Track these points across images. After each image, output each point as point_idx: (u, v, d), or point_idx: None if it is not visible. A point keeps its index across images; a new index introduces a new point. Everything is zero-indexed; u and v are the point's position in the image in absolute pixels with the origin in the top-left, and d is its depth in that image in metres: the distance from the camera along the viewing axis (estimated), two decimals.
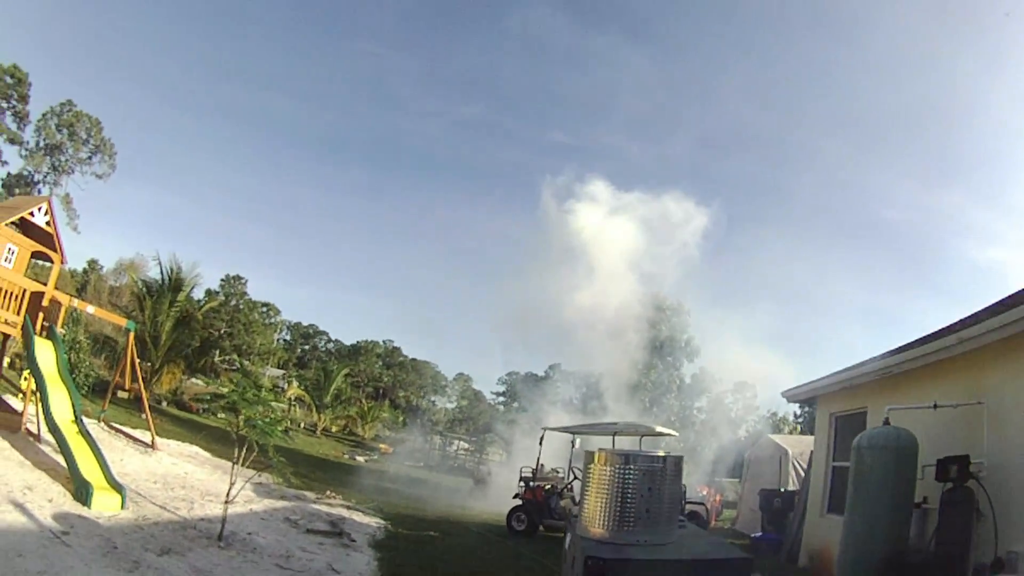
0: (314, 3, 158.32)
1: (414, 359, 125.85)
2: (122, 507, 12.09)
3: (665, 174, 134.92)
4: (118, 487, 12.56)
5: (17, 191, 64.62)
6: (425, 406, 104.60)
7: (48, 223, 18.09)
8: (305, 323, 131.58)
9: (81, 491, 11.91)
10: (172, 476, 17.33)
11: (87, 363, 33.17)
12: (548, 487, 20.61)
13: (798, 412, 56.43)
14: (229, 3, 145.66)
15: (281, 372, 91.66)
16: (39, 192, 66.99)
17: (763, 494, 20.59)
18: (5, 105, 64.13)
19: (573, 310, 42.23)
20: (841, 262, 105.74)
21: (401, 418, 77.86)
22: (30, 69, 64.40)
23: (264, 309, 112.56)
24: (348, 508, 19.20)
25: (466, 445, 63.46)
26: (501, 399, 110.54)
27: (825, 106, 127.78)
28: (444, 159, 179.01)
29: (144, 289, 40.17)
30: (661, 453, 7.27)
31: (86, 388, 30.29)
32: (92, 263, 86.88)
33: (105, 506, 11.80)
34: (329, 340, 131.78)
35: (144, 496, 13.66)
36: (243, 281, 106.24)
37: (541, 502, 20.06)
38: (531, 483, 20.82)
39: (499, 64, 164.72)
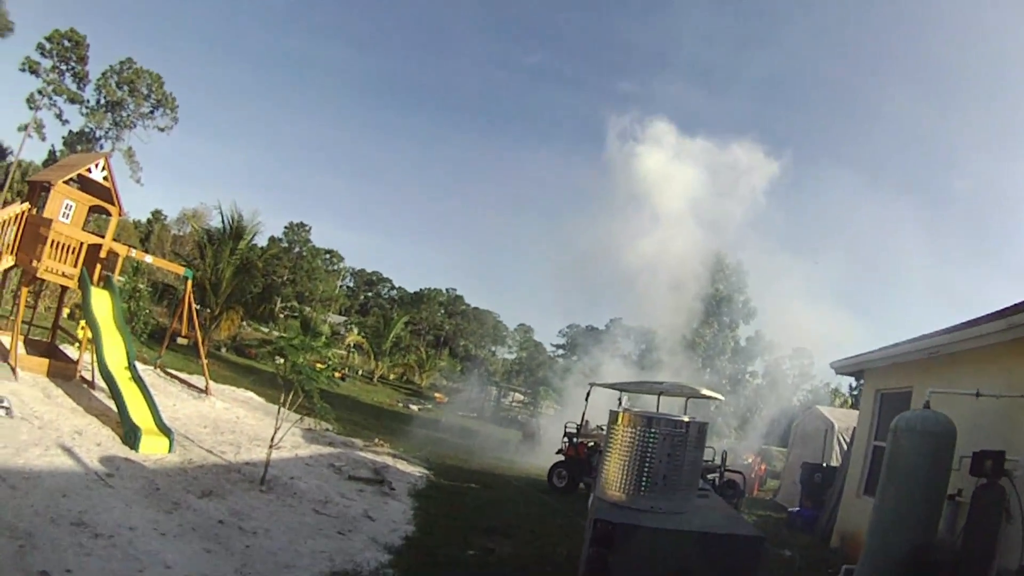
0: None
1: (476, 308, 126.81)
2: (169, 450, 12.52)
3: (731, 123, 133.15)
4: (166, 431, 13.00)
5: (79, 148, 66.40)
6: (484, 356, 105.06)
7: (105, 178, 18.32)
8: (369, 270, 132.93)
9: (130, 435, 12.34)
10: (223, 421, 17.78)
11: (147, 311, 34.08)
12: (591, 444, 20.56)
13: (853, 384, 55.55)
14: None
15: (343, 319, 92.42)
16: (101, 147, 68.84)
17: (805, 468, 20.32)
18: (64, 67, 66.20)
19: (634, 258, 42.66)
20: (915, 223, 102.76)
21: (459, 367, 78.42)
22: (88, 31, 66.84)
23: (327, 256, 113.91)
24: (394, 457, 19.49)
25: (521, 397, 63.76)
26: (561, 351, 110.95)
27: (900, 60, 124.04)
28: (507, 106, 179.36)
29: (205, 237, 41.09)
30: (686, 418, 7.31)
31: (145, 335, 31.17)
32: (156, 213, 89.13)
33: (153, 449, 12.24)
34: (392, 287, 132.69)
35: (192, 440, 14.11)
36: (307, 228, 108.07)
37: (583, 459, 20.07)
38: (574, 439, 20.94)
39: (562, 11, 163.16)
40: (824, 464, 20.65)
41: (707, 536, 6.73)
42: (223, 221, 40.26)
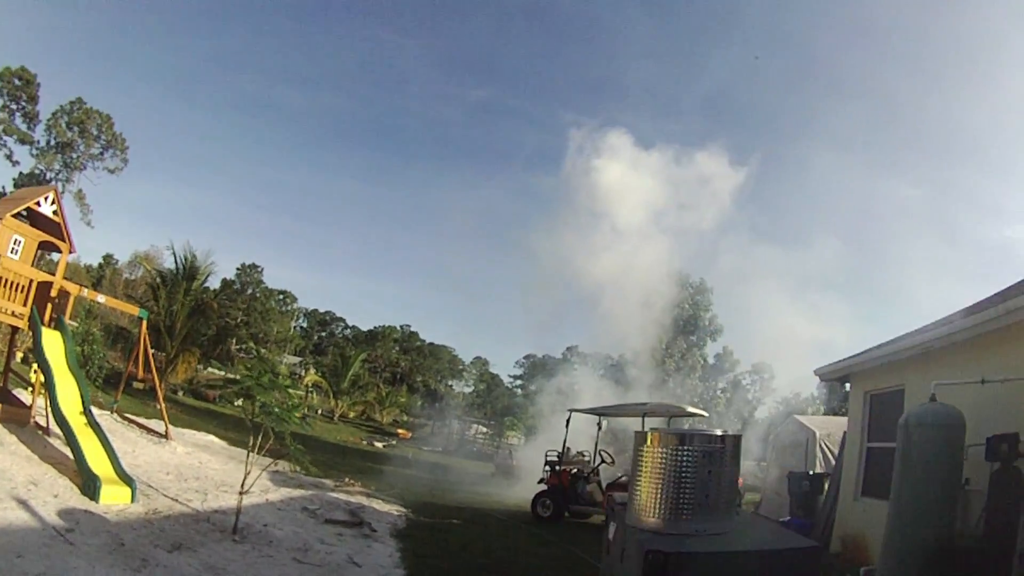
0: None
1: (431, 343, 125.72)
2: (132, 500, 11.57)
3: (689, 139, 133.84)
4: (128, 480, 12.03)
5: None
6: (443, 390, 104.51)
7: (55, 212, 17.55)
8: (322, 310, 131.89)
9: (89, 485, 11.35)
10: (186, 467, 16.87)
11: (101, 355, 32.87)
12: (574, 471, 20.01)
13: (816, 393, 55.20)
14: None
15: (298, 359, 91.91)
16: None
17: (791, 477, 19.82)
18: (15, 107, 64.66)
19: (595, 281, 41.80)
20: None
21: (419, 403, 77.71)
22: (38, 70, 65.43)
23: (281, 297, 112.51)
24: (368, 496, 18.62)
25: (484, 429, 63.12)
26: (519, 382, 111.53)
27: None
28: (457, 142, 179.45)
29: (159, 279, 40.06)
30: (719, 432, 6.60)
31: (100, 380, 30.17)
32: (107, 257, 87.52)
33: (114, 499, 11.28)
34: (346, 326, 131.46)
35: (156, 488, 13.16)
36: (259, 269, 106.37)
37: (567, 487, 19.50)
38: (556, 467, 20.22)
39: (506, 44, 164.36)
40: (811, 472, 20.25)
41: (767, 553, 6.16)
42: (176, 262, 39.09)
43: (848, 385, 17.08)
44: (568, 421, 21.61)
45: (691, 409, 20.80)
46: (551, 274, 45.37)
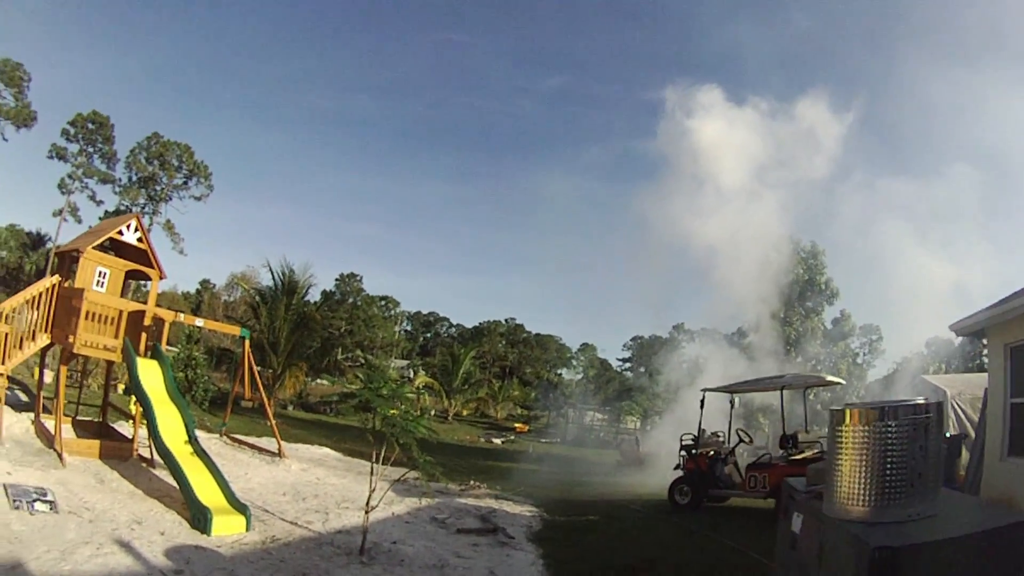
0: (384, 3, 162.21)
1: (538, 334, 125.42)
2: (247, 529, 10.72)
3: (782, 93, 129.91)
4: (240, 507, 11.20)
5: None
6: (555, 380, 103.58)
7: (140, 239, 17.01)
8: (425, 311, 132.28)
9: (198, 517, 10.49)
10: (303, 485, 16.08)
11: (205, 378, 32.60)
12: (711, 453, 18.68)
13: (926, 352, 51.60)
14: (300, 12, 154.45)
15: (406, 362, 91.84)
16: None
17: None
18: (91, 150, 66.86)
19: (702, 256, 40.50)
20: None
21: (532, 395, 76.77)
22: (110, 111, 69.23)
23: (383, 303, 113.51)
24: (496, 498, 17.69)
25: (601, 416, 61.75)
26: (627, 365, 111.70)
27: None
28: (539, 132, 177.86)
29: (258, 297, 39.93)
30: (920, 400, 5.30)
31: (206, 403, 29.87)
32: (204, 283, 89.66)
33: (227, 529, 10.40)
34: (451, 325, 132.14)
35: (272, 512, 12.27)
36: (358, 278, 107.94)
37: (705, 471, 18.23)
38: (693, 451, 18.91)
39: (576, 32, 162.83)
40: (947, 435, 18.49)
41: (991, 533, 4.96)
42: (274, 278, 38.88)
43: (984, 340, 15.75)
44: (703, 402, 20.12)
45: (830, 378, 19.64)
46: (655, 250, 43.51)
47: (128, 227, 16.86)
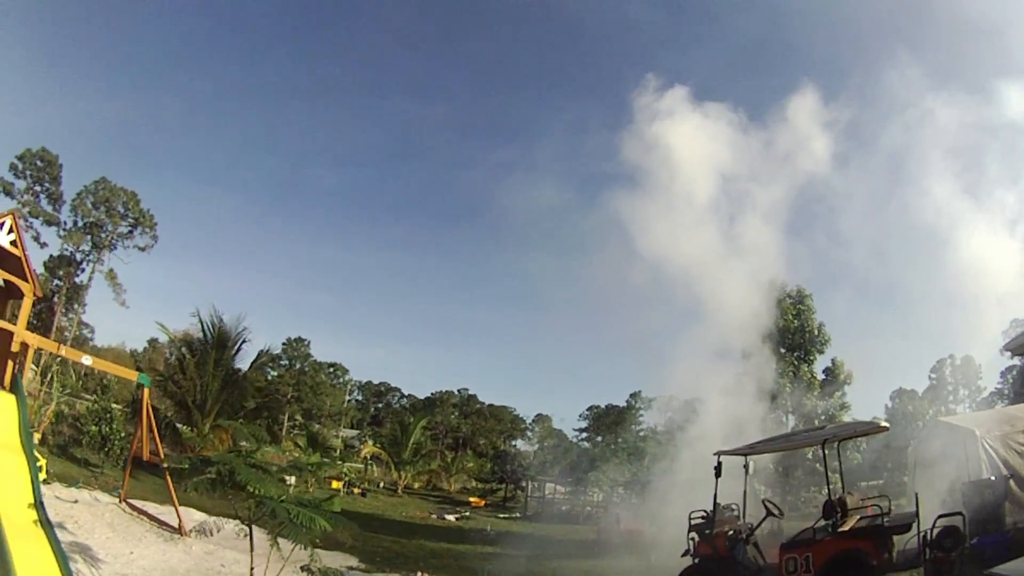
0: (337, 69, 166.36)
1: (491, 404, 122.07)
2: None
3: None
4: None
5: (60, 272, 65.71)
6: (511, 451, 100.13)
7: (13, 243, 13.60)
8: (376, 381, 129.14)
9: None
10: (205, 570, 13.10)
11: (121, 434, 28.44)
12: (729, 532, 14.26)
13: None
14: (254, 78, 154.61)
15: (356, 432, 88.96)
16: (82, 271, 68.16)
17: (967, 488, 16.41)
18: (39, 188, 64.39)
19: (669, 315, 36.25)
20: None
21: (488, 466, 72.97)
22: (61, 153, 65.38)
23: (331, 370, 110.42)
24: None
25: (562, 488, 57.71)
26: (584, 435, 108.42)
27: None
28: (488, 203, 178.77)
29: (184, 349, 35.74)
30: None
31: (122, 461, 25.88)
32: (152, 341, 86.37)
33: None
34: (402, 395, 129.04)
35: None
36: (306, 343, 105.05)
37: (725, 556, 13.80)
38: (707, 531, 14.58)
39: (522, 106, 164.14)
40: (991, 477, 16.92)
41: None
42: (204, 330, 35.05)
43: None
44: (719, 469, 15.51)
45: (884, 423, 16.09)
46: (613, 315, 39.91)
47: (1, 226, 13.20)
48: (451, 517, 38.83)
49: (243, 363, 37.92)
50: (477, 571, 18.51)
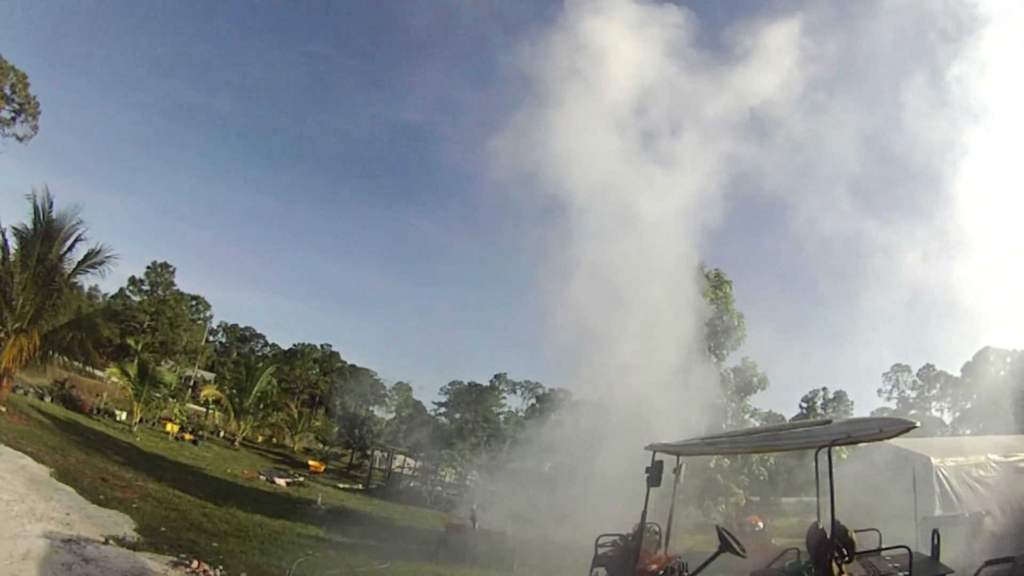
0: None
1: (353, 365, 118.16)
2: None
3: None
4: None
5: None
6: (364, 415, 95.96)
7: None
8: (242, 325, 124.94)
9: None
10: None
11: None
12: (661, 574, 9.52)
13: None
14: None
15: (212, 375, 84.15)
16: None
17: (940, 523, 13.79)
18: None
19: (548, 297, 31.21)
20: None
21: (336, 428, 68.29)
22: None
23: (193, 303, 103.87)
24: None
25: (412, 462, 52.96)
26: (443, 409, 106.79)
27: None
28: (387, 162, 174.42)
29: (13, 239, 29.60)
30: None
31: None
32: None
33: None
34: (266, 343, 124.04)
35: None
36: (171, 269, 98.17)
37: None
38: (628, 566, 9.70)
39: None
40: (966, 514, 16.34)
41: None
42: (36, 215, 28.65)
43: None
44: (655, 471, 9.97)
45: (918, 423, 10.39)
46: (491, 291, 35.94)
47: None
48: (282, 481, 33.92)
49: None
50: (282, 570, 14.06)
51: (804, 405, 73.45)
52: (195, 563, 12.03)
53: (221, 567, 12.39)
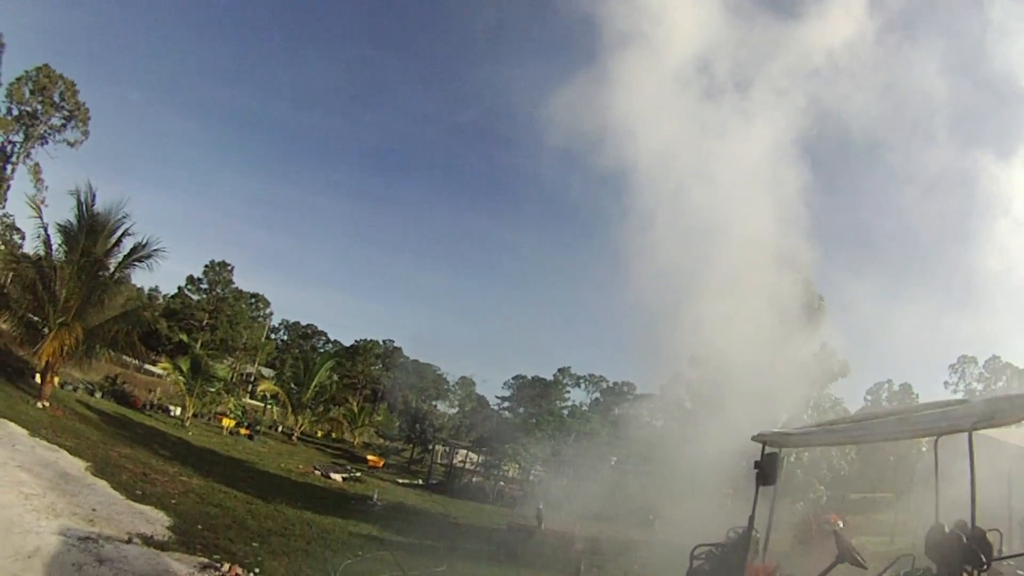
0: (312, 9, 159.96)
1: (415, 360, 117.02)
2: None
3: None
4: None
5: None
6: (426, 409, 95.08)
7: None
8: (304, 323, 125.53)
9: None
10: None
11: None
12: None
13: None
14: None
15: (273, 372, 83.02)
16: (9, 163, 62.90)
17: None
18: None
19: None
20: None
21: (397, 423, 67.41)
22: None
23: (252, 300, 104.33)
24: None
25: (475, 456, 51.53)
26: (506, 403, 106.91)
27: None
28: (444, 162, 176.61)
29: (58, 234, 29.28)
30: None
31: None
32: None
33: None
34: (328, 340, 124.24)
35: None
36: (229, 268, 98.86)
37: None
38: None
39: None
40: None
41: None
42: (80, 209, 28.76)
43: None
44: (767, 465, 8.01)
45: None
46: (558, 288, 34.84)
47: None
48: (337, 476, 32.88)
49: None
50: (326, 573, 12.65)
51: (869, 398, 70.75)
52: (226, 566, 10.72)
53: (257, 570, 11.09)
